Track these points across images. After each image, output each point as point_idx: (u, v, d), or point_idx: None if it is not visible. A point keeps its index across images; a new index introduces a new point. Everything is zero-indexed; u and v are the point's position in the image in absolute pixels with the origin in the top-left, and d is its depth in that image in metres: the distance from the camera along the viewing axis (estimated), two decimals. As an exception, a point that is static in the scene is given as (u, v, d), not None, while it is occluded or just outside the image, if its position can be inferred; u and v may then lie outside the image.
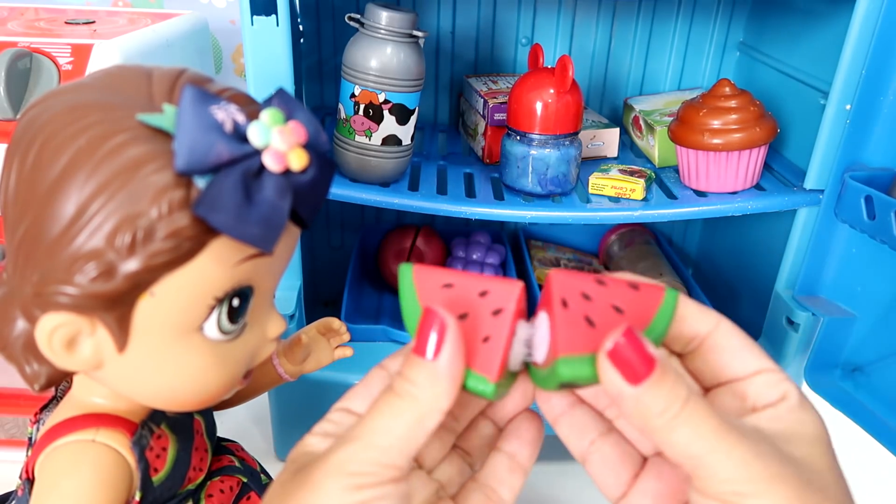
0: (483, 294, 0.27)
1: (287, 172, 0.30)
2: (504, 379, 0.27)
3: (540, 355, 0.27)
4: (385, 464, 0.25)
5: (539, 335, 0.28)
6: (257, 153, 0.30)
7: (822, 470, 0.25)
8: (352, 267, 0.82)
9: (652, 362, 0.24)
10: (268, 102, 0.32)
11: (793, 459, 0.24)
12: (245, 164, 0.29)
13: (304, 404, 0.69)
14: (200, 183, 0.29)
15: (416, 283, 0.28)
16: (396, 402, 0.25)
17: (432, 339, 0.25)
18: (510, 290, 0.27)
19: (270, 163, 0.29)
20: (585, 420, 0.30)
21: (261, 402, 0.63)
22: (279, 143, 0.30)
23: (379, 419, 0.25)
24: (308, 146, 0.31)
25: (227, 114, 0.29)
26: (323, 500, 0.24)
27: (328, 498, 0.24)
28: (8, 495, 0.43)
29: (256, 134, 0.29)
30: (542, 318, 0.28)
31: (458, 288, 0.28)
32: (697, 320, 0.28)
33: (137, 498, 0.36)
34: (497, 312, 0.27)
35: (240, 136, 0.30)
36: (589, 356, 0.25)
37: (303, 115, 0.32)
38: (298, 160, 0.30)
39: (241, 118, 0.30)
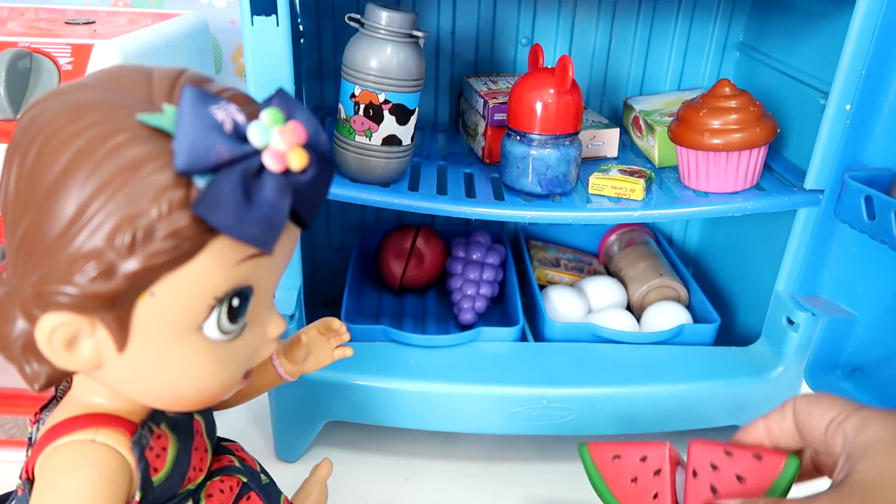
0: (643, 459, 0.38)
1: (287, 172, 0.30)
2: None
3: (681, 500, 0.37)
4: None
5: (679, 484, 0.38)
6: (257, 153, 0.30)
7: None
8: (352, 267, 0.82)
9: None
10: (268, 102, 0.32)
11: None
12: (245, 163, 0.29)
13: (304, 404, 0.69)
14: (200, 183, 0.29)
15: (595, 460, 0.39)
16: None
17: None
18: (662, 452, 0.38)
19: (270, 163, 0.29)
20: None
21: (261, 402, 0.63)
22: (279, 143, 0.30)
23: None
24: (308, 146, 0.31)
25: (227, 114, 0.29)
26: None
27: None
28: (8, 495, 0.43)
29: (256, 134, 0.29)
30: (682, 474, 0.38)
31: (624, 458, 0.38)
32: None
33: (137, 498, 0.36)
34: (657, 473, 0.37)
35: (240, 135, 0.30)
36: None
37: (303, 114, 0.32)
38: (298, 160, 0.30)
39: (241, 118, 0.30)
